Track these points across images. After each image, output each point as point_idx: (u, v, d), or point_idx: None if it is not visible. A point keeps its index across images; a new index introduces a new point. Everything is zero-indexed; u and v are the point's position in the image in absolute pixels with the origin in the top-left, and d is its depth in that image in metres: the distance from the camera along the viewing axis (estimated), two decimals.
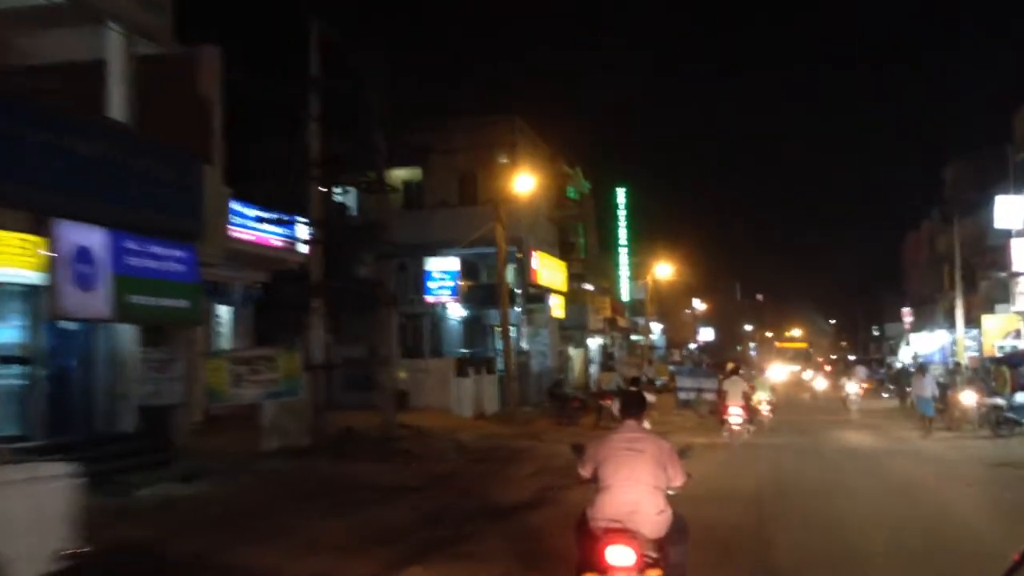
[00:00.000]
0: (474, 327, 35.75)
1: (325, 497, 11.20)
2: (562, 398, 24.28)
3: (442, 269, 27.70)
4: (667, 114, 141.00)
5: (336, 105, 22.68)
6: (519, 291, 32.32)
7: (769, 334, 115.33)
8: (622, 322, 54.39)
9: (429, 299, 27.19)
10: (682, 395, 28.45)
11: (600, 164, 67.35)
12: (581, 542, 5.54)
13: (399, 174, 34.28)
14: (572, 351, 40.83)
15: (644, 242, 59.99)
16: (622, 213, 59.14)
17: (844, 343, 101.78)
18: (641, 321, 59.64)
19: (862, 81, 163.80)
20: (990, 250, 37.67)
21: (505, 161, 32.43)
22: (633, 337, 63.61)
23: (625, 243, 58.83)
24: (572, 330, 42.04)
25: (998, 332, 33.46)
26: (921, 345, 51.97)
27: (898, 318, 62.93)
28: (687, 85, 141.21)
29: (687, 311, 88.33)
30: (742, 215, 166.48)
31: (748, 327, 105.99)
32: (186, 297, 12.70)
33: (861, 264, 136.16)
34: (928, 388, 20.51)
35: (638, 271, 58.43)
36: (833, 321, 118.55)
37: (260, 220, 18.06)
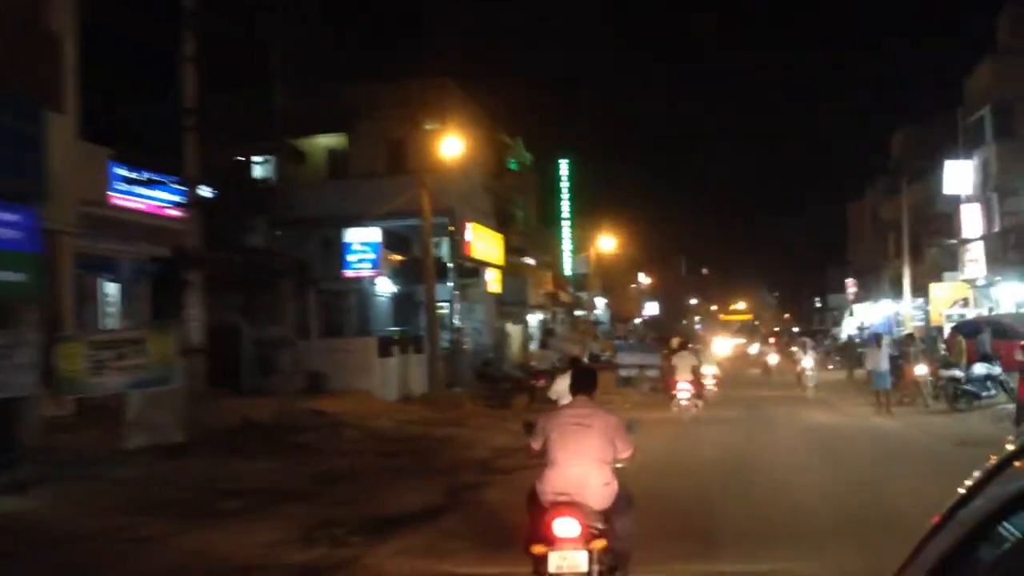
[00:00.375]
0: (406, 304, 33.79)
1: (181, 509, 9.25)
2: (493, 379, 22.43)
3: (362, 241, 25.43)
4: (614, 87, 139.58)
5: (238, 63, 20.54)
6: (452, 265, 30.45)
7: (714, 308, 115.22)
8: (565, 297, 52.81)
9: (348, 273, 24.94)
10: (623, 372, 26.81)
11: (544, 136, 65.51)
12: (531, 515, 5.66)
13: (322, 141, 32.11)
14: (511, 328, 39.10)
15: (588, 216, 58.42)
16: (565, 186, 57.52)
17: (787, 315, 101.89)
18: (585, 296, 58.17)
19: (811, 51, 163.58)
20: (937, 217, 36.82)
21: (435, 126, 30.37)
22: (577, 312, 62.23)
23: (568, 216, 57.29)
24: (511, 306, 40.32)
25: (946, 301, 32.49)
26: (865, 316, 51.32)
27: (842, 289, 62.44)
28: (633, 57, 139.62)
29: (632, 286, 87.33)
30: (688, 189, 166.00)
31: (693, 301, 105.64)
32: (22, 269, 10.62)
33: (808, 236, 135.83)
34: (884, 360, 19.07)
35: (581, 245, 56.93)
36: (776, 294, 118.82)
37: (130, 182, 15.86)
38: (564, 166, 57.21)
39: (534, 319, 43.93)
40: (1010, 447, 1.26)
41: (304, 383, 22.31)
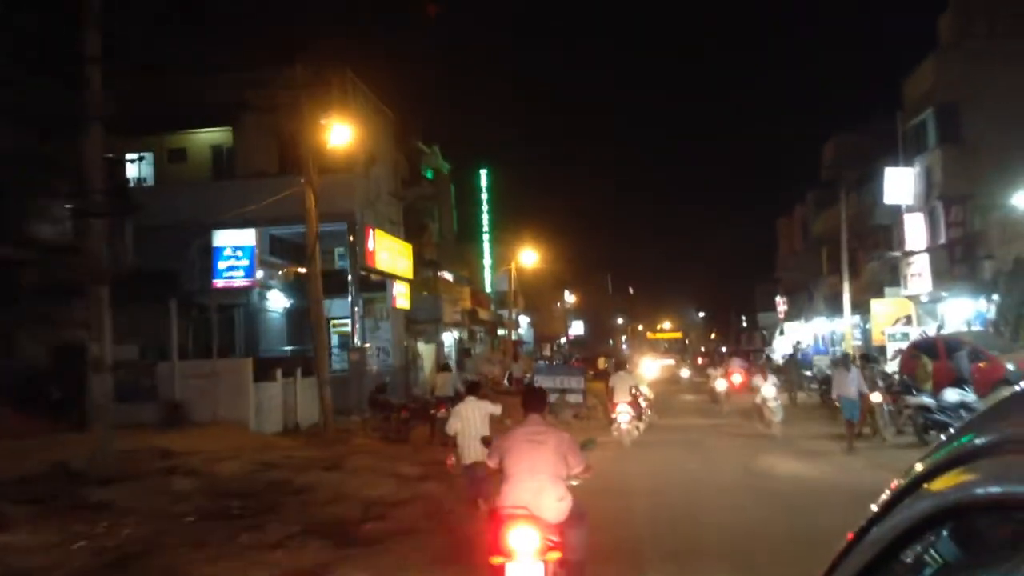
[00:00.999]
0: (304, 321, 30.26)
1: None
2: (387, 407, 19.06)
3: (234, 245, 21.65)
4: (541, 101, 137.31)
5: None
6: (352, 277, 27.08)
7: (640, 327, 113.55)
8: (484, 314, 49.74)
9: (218, 284, 21.17)
10: None
11: (464, 146, 62.40)
12: (490, 529, 5.83)
13: (204, 137, 28.50)
14: (422, 347, 35.77)
15: (510, 230, 55.46)
16: (484, 196, 54.65)
17: (714, 335, 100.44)
18: (507, 314, 55.09)
19: (742, 59, 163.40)
20: (876, 231, 34.86)
21: (331, 122, 27.05)
22: (500, 332, 59.25)
23: (488, 229, 54.36)
24: (424, 324, 37.05)
25: (888, 317, 30.33)
26: (796, 334, 49.42)
27: (771, 307, 60.72)
28: (559, 67, 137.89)
29: (557, 304, 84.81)
30: (613, 205, 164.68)
31: (620, 320, 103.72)
32: None
33: (734, 255, 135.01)
34: (854, 386, 15.82)
35: (503, 260, 53.92)
36: (702, 313, 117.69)
37: None
38: (483, 176, 54.36)
39: (450, 338, 40.69)
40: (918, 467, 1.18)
41: (160, 414, 18.73)
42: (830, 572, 1.29)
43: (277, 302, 28.15)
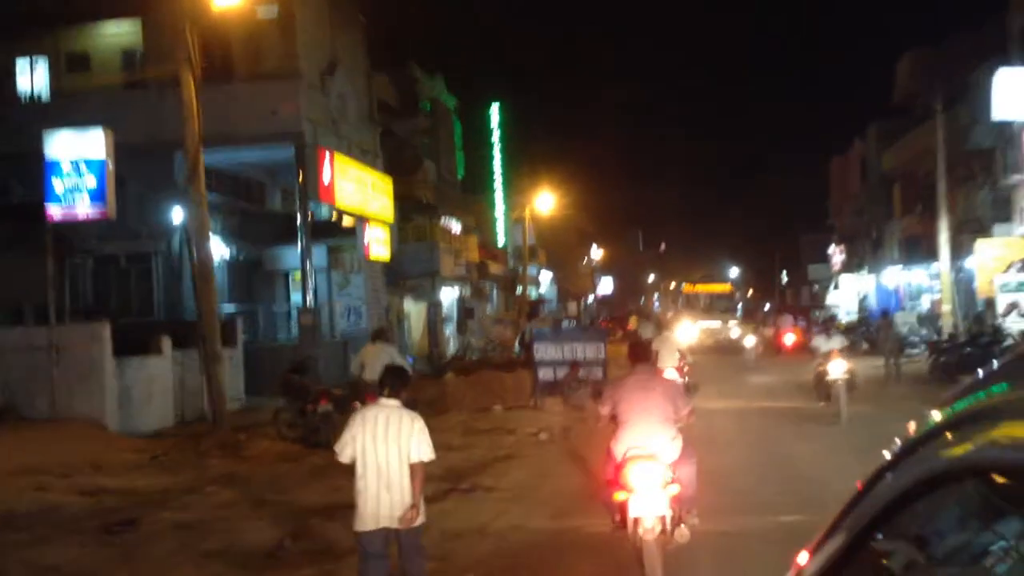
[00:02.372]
0: (252, 275, 24.19)
1: None
2: (302, 394, 12.66)
3: (75, 157, 14.56)
4: (566, 44, 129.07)
5: None
6: (302, 216, 20.89)
7: (672, 285, 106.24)
8: (496, 269, 43.36)
9: (54, 212, 14.24)
10: (543, 373, 17.10)
11: (480, 85, 55.24)
12: (610, 470, 6.34)
13: (109, 34, 22.20)
14: (411, 306, 29.58)
15: (527, 178, 48.51)
16: (496, 135, 47.98)
17: (752, 292, 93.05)
18: (525, 270, 48.68)
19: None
20: (968, 158, 27.79)
21: (274, 12, 20.65)
22: (521, 290, 53.03)
23: (501, 173, 47.74)
24: (417, 278, 30.84)
25: (998, 263, 23.49)
26: (853, 288, 42.64)
27: (821, 259, 53.74)
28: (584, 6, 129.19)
29: (583, 260, 78.29)
30: (643, 155, 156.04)
31: (651, 277, 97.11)
32: None
33: (776, 205, 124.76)
34: None
35: (519, 210, 47.26)
36: (736, 269, 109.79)
37: None
38: (495, 111, 47.63)
39: (451, 295, 34.41)
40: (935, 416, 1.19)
41: None
42: (839, 520, 1.26)
43: (214, 250, 21.96)
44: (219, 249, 22.32)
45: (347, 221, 24.41)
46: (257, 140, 20.41)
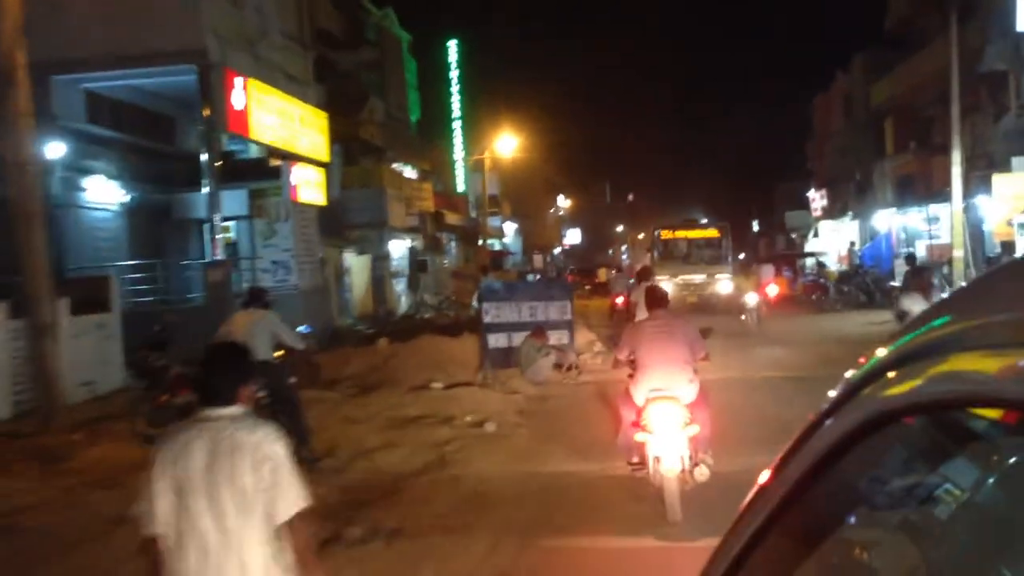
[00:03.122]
0: (160, 225, 20.68)
1: None
2: (156, 376, 9.36)
3: None
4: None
5: None
6: (208, 147, 17.41)
7: (641, 236, 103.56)
8: (454, 219, 39.99)
9: None
10: (493, 340, 13.82)
11: (436, 21, 50.61)
12: (629, 411, 6.50)
13: None
14: (353, 259, 26.24)
15: (489, 122, 44.91)
16: (455, 75, 44.26)
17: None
18: (480, 218, 45.31)
19: None
20: (975, 84, 24.69)
21: None
22: (486, 241, 49.80)
23: (459, 116, 44.11)
24: (363, 228, 27.49)
25: (1020, 200, 20.55)
26: (837, 235, 39.85)
27: (799, 206, 50.85)
28: None
29: (550, 211, 75.08)
30: (612, 99, 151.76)
31: (619, 228, 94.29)
32: None
33: (748, 152, 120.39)
34: None
35: (479, 156, 43.75)
36: (705, 220, 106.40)
37: None
38: (453, 49, 43.83)
39: (401, 248, 31.05)
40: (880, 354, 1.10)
41: None
42: (780, 467, 1.21)
43: (106, 195, 18.47)
44: (115, 194, 18.85)
45: (273, 161, 20.94)
46: (151, 59, 16.84)
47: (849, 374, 1.13)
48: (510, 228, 60.04)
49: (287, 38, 21.98)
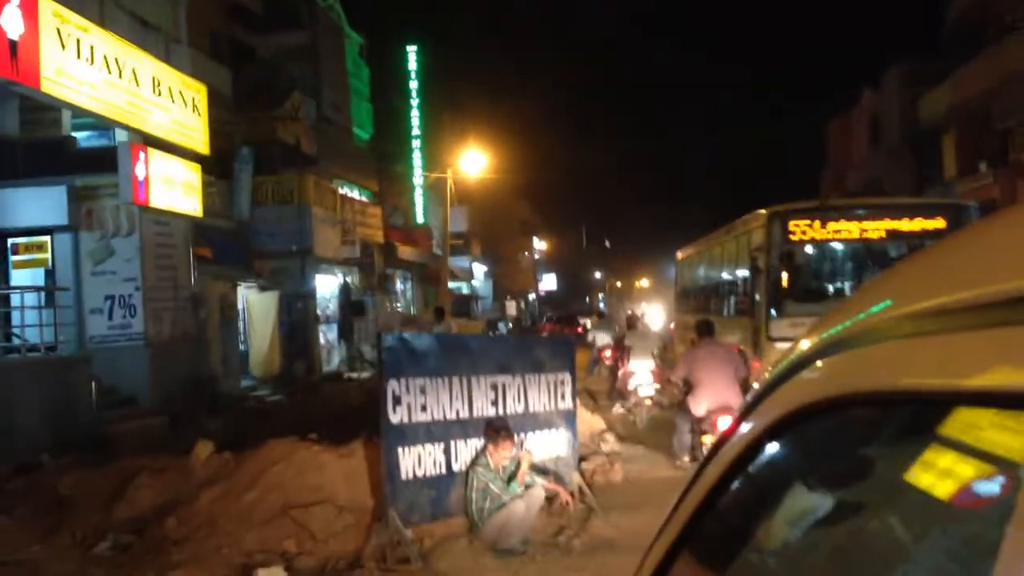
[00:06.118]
0: None
1: None
2: None
3: None
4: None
5: None
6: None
7: (619, 284, 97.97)
8: (408, 252, 32.80)
9: None
10: (407, 460, 6.16)
11: (396, 27, 43.24)
12: (684, 421, 8.39)
13: None
14: (253, 298, 19.07)
15: (456, 144, 37.95)
16: (414, 86, 37.49)
17: None
18: (463, 261, 38.26)
19: None
20: None
21: None
22: (456, 286, 42.85)
23: (419, 135, 37.26)
24: (278, 257, 20.47)
25: None
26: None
27: None
28: None
29: (524, 253, 68.13)
30: (589, 136, 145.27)
31: (597, 275, 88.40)
32: None
33: (737, 189, 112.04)
34: None
35: (439, 174, 36.61)
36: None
37: None
38: (411, 56, 37.06)
39: (333, 284, 23.85)
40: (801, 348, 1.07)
41: None
42: (706, 462, 1.21)
43: None
44: None
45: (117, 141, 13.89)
46: None
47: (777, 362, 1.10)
48: (480, 270, 53.23)
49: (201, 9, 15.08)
